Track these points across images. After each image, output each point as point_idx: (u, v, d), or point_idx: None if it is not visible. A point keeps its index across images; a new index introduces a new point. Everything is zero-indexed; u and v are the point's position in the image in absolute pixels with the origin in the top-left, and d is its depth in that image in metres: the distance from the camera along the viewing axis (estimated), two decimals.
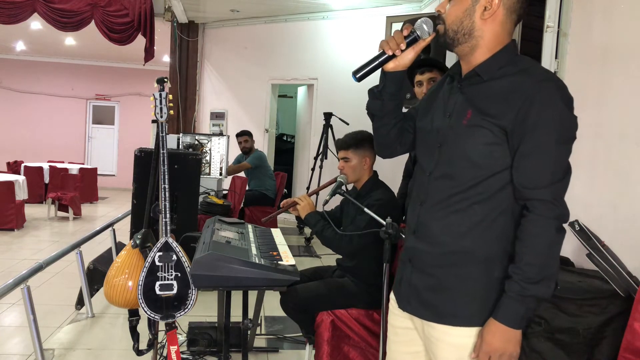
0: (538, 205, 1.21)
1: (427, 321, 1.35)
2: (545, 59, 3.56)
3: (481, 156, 1.26)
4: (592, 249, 2.72)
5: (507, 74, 1.26)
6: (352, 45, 6.84)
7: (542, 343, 2.66)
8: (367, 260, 2.41)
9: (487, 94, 1.27)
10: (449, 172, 1.32)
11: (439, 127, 1.36)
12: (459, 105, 1.32)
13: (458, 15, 1.28)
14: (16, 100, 12.26)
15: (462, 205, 1.29)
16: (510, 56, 1.29)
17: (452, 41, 1.31)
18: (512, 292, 1.22)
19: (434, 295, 1.33)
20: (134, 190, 3.62)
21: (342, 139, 2.57)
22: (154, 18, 7.12)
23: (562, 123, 1.20)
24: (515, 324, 1.22)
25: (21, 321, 3.64)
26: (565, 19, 3.51)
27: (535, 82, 1.22)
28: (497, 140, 1.24)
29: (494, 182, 1.26)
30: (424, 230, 1.36)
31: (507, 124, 1.22)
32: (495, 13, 1.26)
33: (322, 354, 2.40)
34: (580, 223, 2.89)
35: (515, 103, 1.21)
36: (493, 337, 1.23)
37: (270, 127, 7.74)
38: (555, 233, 1.21)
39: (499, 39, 1.29)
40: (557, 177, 1.21)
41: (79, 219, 8.34)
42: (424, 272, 1.36)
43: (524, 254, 1.22)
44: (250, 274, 1.87)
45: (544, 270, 1.20)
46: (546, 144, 1.20)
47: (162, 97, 2.12)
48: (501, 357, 1.24)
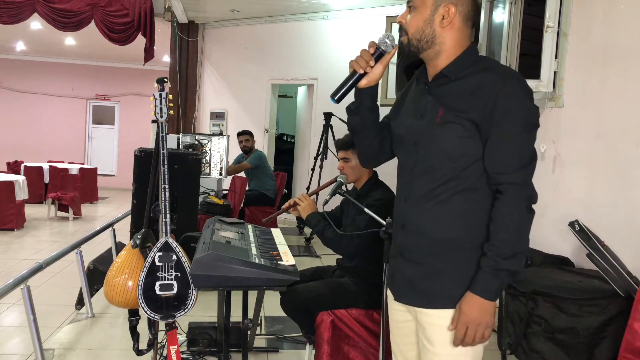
0: (509, 188, 1.32)
1: (420, 308, 1.44)
2: (545, 59, 3.55)
3: (456, 149, 1.36)
4: (592, 249, 2.72)
5: (471, 72, 1.37)
6: (352, 45, 6.81)
7: (542, 343, 2.66)
8: (367, 260, 2.41)
9: (455, 92, 1.38)
10: (428, 167, 1.41)
11: (411, 126, 1.46)
12: (430, 105, 1.42)
13: (419, 25, 1.39)
14: (16, 100, 12.26)
15: (444, 197, 1.38)
16: (473, 57, 1.41)
17: (417, 49, 1.42)
18: (487, 267, 1.32)
19: (425, 282, 1.42)
20: (134, 190, 3.62)
21: (342, 139, 2.57)
22: (154, 18, 7.12)
23: (525, 113, 1.32)
24: (490, 296, 1.33)
25: (21, 321, 3.64)
26: (565, 19, 3.51)
27: (499, 77, 1.33)
28: (469, 133, 1.34)
29: (471, 172, 1.36)
30: (412, 224, 1.45)
31: (476, 117, 1.33)
32: (452, 21, 1.38)
33: (322, 354, 2.40)
34: (580, 223, 2.89)
35: (482, 98, 1.32)
36: (470, 309, 1.33)
37: (270, 127, 7.74)
38: (526, 213, 1.32)
39: (460, 43, 1.40)
40: (525, 162, 1.32)
41: (79, 219, 8.34)
42: (415, 262, 1.45)
43: (497, 232, 1.32)
44: (250, 274, 1.87)
45: (515, 247, 1.31)
46: (513, 132, 1.31)
47: (162, 97, 2.12)
48: (478, 327, 1.33)
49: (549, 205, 3.53)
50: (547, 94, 3.61)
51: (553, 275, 2.88)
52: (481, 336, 1.34)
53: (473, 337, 1.34)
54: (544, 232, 3.49)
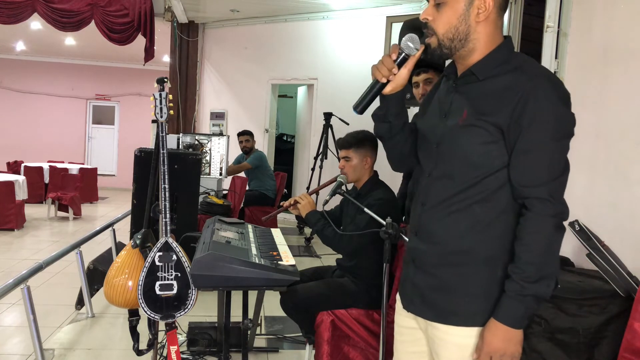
0: (536, 204, 1.20)
1: (430, 321, 1.35)
2: (545, 59, 3.56)
3: (479, 155, 1.25)
4: (592, 249, 2.72)
5: (501, 72, 1.25)
6: (352, 45, 6.84)
7: (542, 343, 2.65)
8: (367, 260, 2.41)
9: (482, 93, 1.26)
10: (448, 172, 1.31)
11: (435, 127, 1.36)
12: (455, 104, 1.31)
13: (452, 23, 1.26)
14: (16, 100, 12.26)
15: (462, 205, 1.28)
16: (506, 54, 1.28)
17: (449, 50, 1.28)
18: (512, 292, 1.21)
19: (436, 295, 1.33)
20: (134, 190, 3.62)
21: (344, 138, 2.57)
22: (154, 18, 7.12)
23: (557, 119, 1.19)
24: (515, 324, 1.22)
25: (21, 321, 3.64)
26: (565, 19, 3.51)
27: (530, 79, 1.21)
28: (493, 139, 1.23)
29: (492, 181, 1.25)
30: (425, 231, 1.36)
31: (502, 122, 1.21)
32: (489, 14, 1.25)
33: (322, 354, 2.40)
34: (580, 223, 2.89)
35: (510, 101, 1.20)
36: (494, 337, 1.23)
37: (270, 127, 7.74)
38: (554, 231, 1.20)
39: (494, 38, 1.28)
40: (555, 175, 1.20)
41: (79, 219, 8.34)
42: (426, 272, 1.36)
43: (522, 252, 1.21)
44: (250, 274, 1.87)
45: (542, 269, 1.20)
46: (542, 141, 1.19)
47: (162, 97, 2.12)
48: (502, 358, 1.23)
49: None
50: None
51: None
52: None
53: None
54: None
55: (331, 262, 2.84)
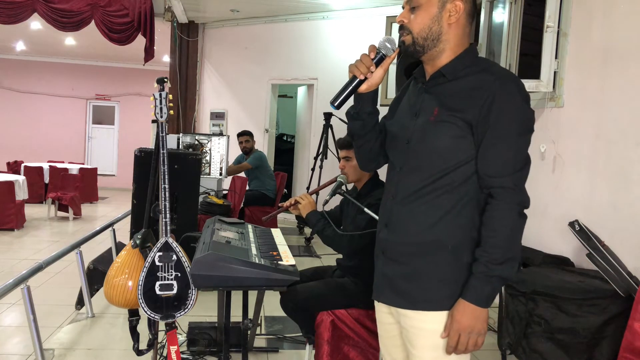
0: (501, 192, 1.30)
1: (402, 309, 1.42)
2: (545, 59, 3.55)
3: (448, 149, 1.34)
4: (592, 249, 2.72)
5: (469, 73, 1.36)
6: (352, 45, 6.84)
7: (542, 343, 2.65)
8: (367, 260, 2.40)
9: (452, 91, 1.36)
10: (417, 166, 1.40)
11: (406, 125, 1.45)
12: (425, 104, 1.41)
13: (426, 23, 1.36)
14: (16, 100, 12.26)
15: (431, 197, 1.37)
16: (472, 57, 1.40)
17: (422, 48, 1.38)
18: (480, 273, 1.30)
19: (406, 283, 1.40)
20: (134, 190, 3.62)
21: (345, 138, 2.56)
22: (154, 18, 7.12)
23: (521, 116, 1.31)
24: (482, 303, 1.30)
25: (21, 321, 3.64)
26: (565, 19, 3.51)
27: (496, 79, 1.31)
28: (462, 133, 1.33)
29: (460, 173, 1.35)
30: (395, 222, 1.44)
31: (471, 119, 1.31)
32: (459, 17, 1.36)
33: (322, 354, 2.40)
34: (580, 223, 2.90)
35: (479, 99, 1.31)
36: (462, 316, 1.31)
37: (270, 127, 7.74)
38: (518, 218, 1.30)
39: (462, 42, 1.39)
40: (519, 166, 1.31)
41: (79, 219, 8.34)
42: (396, 261, 1.43)
43: (489, 237, 1.30)
44: (250, 274, 1.87)
45: (507, 252, 1.29)
46: (508, 136, 1.30)
47: (162, 97, 2.12)
48: (470, 334, 1.31)
49: (549, 205, 3.53)
50: (547, 94, 3.61)
51: (553, 275, 2.88)
52: (474, 344, 1.32)
53: (466, 345, 1.32)
54: (544, 232, 3.49)
55: (331, 262, 2.84)
